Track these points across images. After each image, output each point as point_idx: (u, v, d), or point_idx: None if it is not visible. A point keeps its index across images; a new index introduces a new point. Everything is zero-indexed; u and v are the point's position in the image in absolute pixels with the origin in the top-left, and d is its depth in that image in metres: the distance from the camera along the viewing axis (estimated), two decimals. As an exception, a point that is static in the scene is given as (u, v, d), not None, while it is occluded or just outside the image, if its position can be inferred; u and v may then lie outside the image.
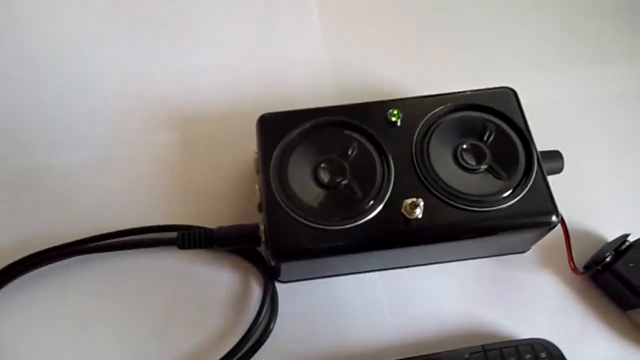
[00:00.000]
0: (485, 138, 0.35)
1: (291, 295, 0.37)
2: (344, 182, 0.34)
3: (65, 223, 0.38)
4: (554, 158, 0.37)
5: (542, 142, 0.36)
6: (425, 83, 0.39)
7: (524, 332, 0.36)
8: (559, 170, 0.37)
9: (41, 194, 0.40)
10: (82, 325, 0.36)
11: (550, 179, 0.35)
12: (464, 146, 0.35)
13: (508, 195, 0.33)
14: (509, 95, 0.37)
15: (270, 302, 0.36)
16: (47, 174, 0.40)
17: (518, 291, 0.37)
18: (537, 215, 0.33)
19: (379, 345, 0.36)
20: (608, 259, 0.36)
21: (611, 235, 0.38)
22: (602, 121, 0.44)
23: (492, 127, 0.36)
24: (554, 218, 0.33)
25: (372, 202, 0.33)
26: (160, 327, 0.36)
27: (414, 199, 0.33)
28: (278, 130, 0.36)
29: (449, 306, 0.37)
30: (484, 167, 0.34)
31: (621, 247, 0.36)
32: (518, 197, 0.33)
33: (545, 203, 0.34)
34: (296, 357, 0.35)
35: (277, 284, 0.37)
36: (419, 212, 0.33)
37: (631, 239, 0.37)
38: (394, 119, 0.36)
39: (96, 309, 0.36)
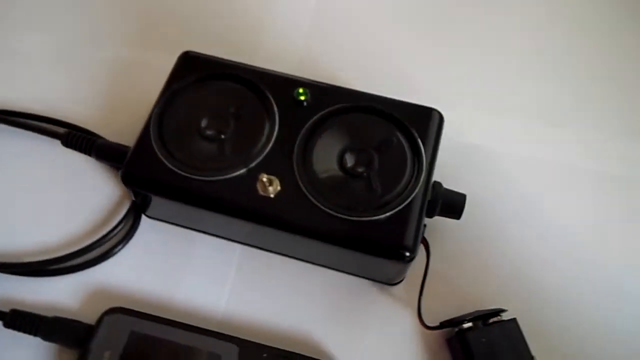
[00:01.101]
0: (379, 147, 0.33)
1: (151, 231, 0.37)
2: (223, 136, 0.33)
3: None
4: (454, 200, 0.34)
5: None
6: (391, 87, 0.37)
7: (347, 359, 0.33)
8: (455, 215, 0.34)
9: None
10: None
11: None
12: (353, 147, 0.33)
13: (369, 211, 0.31)
14: (433, 117, 0.34)
15: (127, 228, 0.36)
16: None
17: (367, 322, 0.34)
18: (388, 244, 0.30)
19: (202, 311, 0.34)
20: (464, 326, 0.32)
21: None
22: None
23: (391, 139, 0.33)
24: (406, 254, 0.30)
25: (236, 164, 0.32)
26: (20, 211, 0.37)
27: (272, 177, 0.31)
28: (190, 70, 0.35)
29: (290, 306, 0.35)
30: (361, 173, 0.32)
31: (488, 320, 0.32)
32: (378, 218, 0.31)
33: (405, 235, 0.30)
34: (124, 288, 0.35)
35: (145, 218, 0.37)
36: (271, 191, 0.31)
37: (506, 316, 0.32)
38: (301, 97, 0.34)
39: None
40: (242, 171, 0.32)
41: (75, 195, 0.38)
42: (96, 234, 0.36)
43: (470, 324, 0.32)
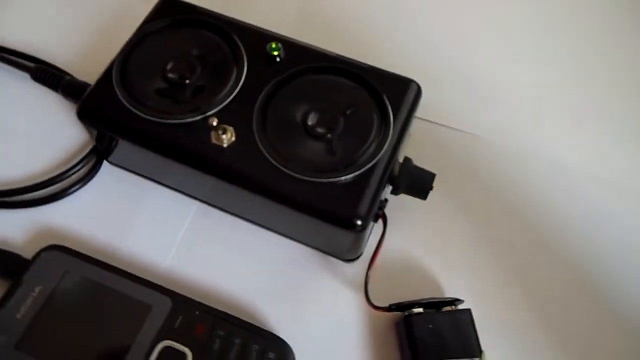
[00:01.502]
0: (347, 110, 0.31)
1: (111, 178, 0.36)
2: (187, 81, 0.32)
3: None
4: (421, 178, 0.32)
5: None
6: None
7: (285, 331, 0.31)
8: (421, 193, 0.32)
9: None
10: None
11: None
12: (319, 107, 0.31)
13: (324, 173, 0.29)
14: (410, 88, 0.32)
15: (85, 170, 0.35)
16: None
17: (314, 297, 0.32)
18: (339, 210, 0.28)
19: (145, 263, 0.33)
20: (414, 310, 0.30)
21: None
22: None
23: (360, 103, 0.31)
24: (357, 222, 0.28)
25: (194, 110, 0.31)
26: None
27: (227, 126, 0.30)
28: (167, 15, 0.34)
29: (237, 270, 0.33)
30: (323, 134, 0.30)
31: (441, 308, 0.30)
32: (331, 181, 0.29)
33: (359, 203, 0.28)
34: (73, 230, 0.34)
35: (108, 165, 0.36)
36: (225, 140, 0.30)
37: (463, 307, 0.30)
38: (274, 53, 0.32)
39: None
40: (198, 117, 0.30)
41: (39, 132, 0.37)
42: (53, 173, 0.35)
43: (420, 310, 0.30)
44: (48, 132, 0.37)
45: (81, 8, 0.43)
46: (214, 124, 0.28)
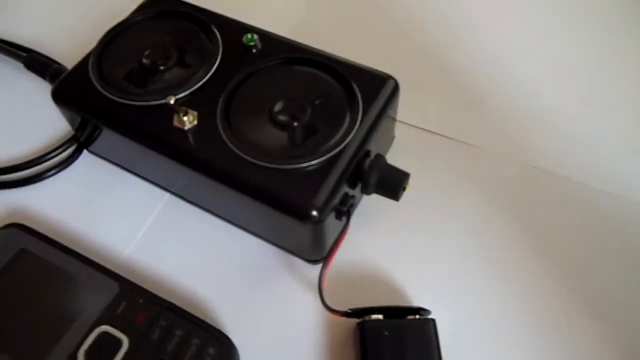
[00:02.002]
0: (315, 101, 0.30)
1: (88, 166, 0.36)
2: (161, 68, 0.32)
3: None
4: (392, 177, 0.30)
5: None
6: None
7: (236, 330, 0.29)
8: (392, 193, 0.30)
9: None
10: None
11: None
12: (287, 96, 0.30)
13: (282, 160, 0.28)
14: (387, 84, 0.31)
15: (63, 157, 0.36)
16: None
17: (271, 298, 0.30)
18: (293, 198, 0.27)
19: (107, 251, 0.32)
20: (373, 317, 0.27)
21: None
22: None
23: (330, 96, 0.30)
24: (312, 213, 0.26)
25: (161, 93, 0.30)
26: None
27: (189, 110, 0.29)
28: (153, 7, 0.35)
29: (195, 264, 0.32)
30: (288, 122, 0.29)
31: (404, 317, 0.27)
32: (288, 168, 0.27)
33: (315, 193, 0.27)
34: (42, 214, 0.34)
35: (88, 154, 0.36)
36: (186, 123, 0.29)
37: (431, 317, 0.27)
38: (250, 43, 0.32)
39: None
40: (163, 100, 0.30)
41: (29, 119, 0.38)
42: (32, 157, 0.35)
43: (379, 316, 0.27)
44: (37, 119, 0.38)
45: (80, 8, 0.44)
46: (171, 102, 0.28)
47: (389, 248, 0.32)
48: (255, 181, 0.27)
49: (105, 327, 0.27)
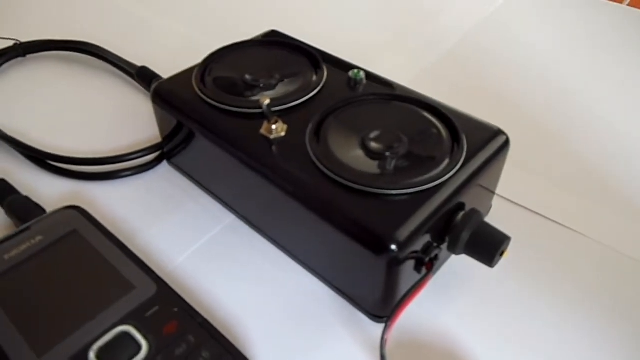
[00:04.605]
0: (413, 137, 0.27)
1: (163, 177, 0.35)
2: (261, 85, 0.31)
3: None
4: (489, 237, 0.25)
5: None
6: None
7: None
8: (486, 257, 0.25)
9: None
10: None
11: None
12: (385, 127, 0.28)
13: (368, 183, 0.24)
14: (497, 138, 0.28)
15: (143, 162, 0.35)
16: None
17: (320, 347, 0.25)
18: (373, 226, 0.23)
19: (156, 256, 0.30)
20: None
21: None
22: None
23: (431, 134, 0.27)
24: (392, 246, 0.22)
25: (256, 104, 0.29)
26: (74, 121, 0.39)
27: (281, 121, 0.28)
28: (272, 37, 0.36)
29: (244, 292, 0.28)
30: (381, 152, 0.26)
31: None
32: (376, 193, 0.24)
33: (399, 225, 0.23)
34: (107, 208, 0.33)
35: (167, 165, 0.36)
36: (273, 132, 0.27)
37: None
38: (357, 78, 0.31)
39: None
40: (256, 109, 0.29)
41: (124, 123, 0.39)
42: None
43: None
44: (132, 125, 0.39)
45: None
46: (265, 103, 0.26)
47: (466, 320, 0.26)
48: (333, 199, 0.24)
49: (127, 328, 0.23)
